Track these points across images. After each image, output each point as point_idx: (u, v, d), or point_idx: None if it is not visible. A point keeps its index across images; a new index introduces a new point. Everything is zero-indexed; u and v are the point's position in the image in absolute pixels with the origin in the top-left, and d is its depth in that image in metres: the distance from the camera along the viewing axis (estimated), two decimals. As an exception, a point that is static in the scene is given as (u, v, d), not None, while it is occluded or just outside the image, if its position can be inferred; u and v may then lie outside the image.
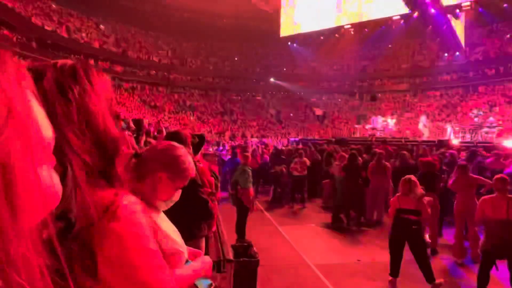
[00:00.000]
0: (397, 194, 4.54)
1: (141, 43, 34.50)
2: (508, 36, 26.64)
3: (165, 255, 1.18)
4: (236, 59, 38.88)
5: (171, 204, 1.30)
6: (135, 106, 27.26)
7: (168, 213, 1.35)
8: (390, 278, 4.41)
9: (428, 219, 4.59)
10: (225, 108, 34.97)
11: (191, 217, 2.41)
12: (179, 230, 1.31)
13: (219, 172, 8.75)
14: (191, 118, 30.21)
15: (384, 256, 5.01)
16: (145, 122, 7.64)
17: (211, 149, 13.33)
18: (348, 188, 7.20)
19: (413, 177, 4.47)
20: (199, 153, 2.95)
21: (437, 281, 4.26)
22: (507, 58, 25.64)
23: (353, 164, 7.31)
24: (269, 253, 5.47)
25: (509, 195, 3.95)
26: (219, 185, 3.39)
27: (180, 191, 1.31)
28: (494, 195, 4.07)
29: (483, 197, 4.11)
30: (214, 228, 2.92)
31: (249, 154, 7.19)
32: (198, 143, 2.65)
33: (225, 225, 4.45)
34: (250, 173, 6.17)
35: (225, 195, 7.45)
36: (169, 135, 2.37)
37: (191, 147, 2.39)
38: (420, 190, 4.41)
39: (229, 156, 11.86)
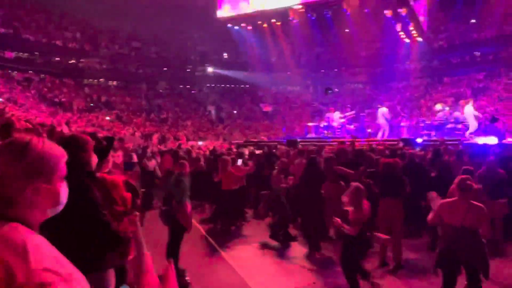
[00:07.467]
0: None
1: (40, 22, 32.67)
2: (473, 20, 29.10)
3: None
4: (165, 43, 38.23)
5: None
6: (32, 103, 25.57)
7: (58, 239, 1.29)
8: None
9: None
10: (151, 105, 34.24)
11: (89, 244, 2.30)
12: (73, 261, 1.26)
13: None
14: (108, 117, 29.11)
15: (343, 276, 5.20)
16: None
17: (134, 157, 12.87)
18: (307, 202, 6.98)
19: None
20: (110, 161, 2.84)
21: None
22: (472, 46, 28.17)
23: (313, 172, 6.99)
24: (207, 281, 5.43)
25: (471, 201, 4.14)
26: (138, 202, 3.27)
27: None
28: (453, 198, 4.35)
29: (441, 201, 4.37)
30: (131, 256, 2.83)
31: (185, 161, 7.01)
32: (104, 148, 2.54)
33: (153, 249, 4.33)
34: (187, 185, 6.08)
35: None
36: (61, 141, 2.19)
37: (94, 154, 2.29)
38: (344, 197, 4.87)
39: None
